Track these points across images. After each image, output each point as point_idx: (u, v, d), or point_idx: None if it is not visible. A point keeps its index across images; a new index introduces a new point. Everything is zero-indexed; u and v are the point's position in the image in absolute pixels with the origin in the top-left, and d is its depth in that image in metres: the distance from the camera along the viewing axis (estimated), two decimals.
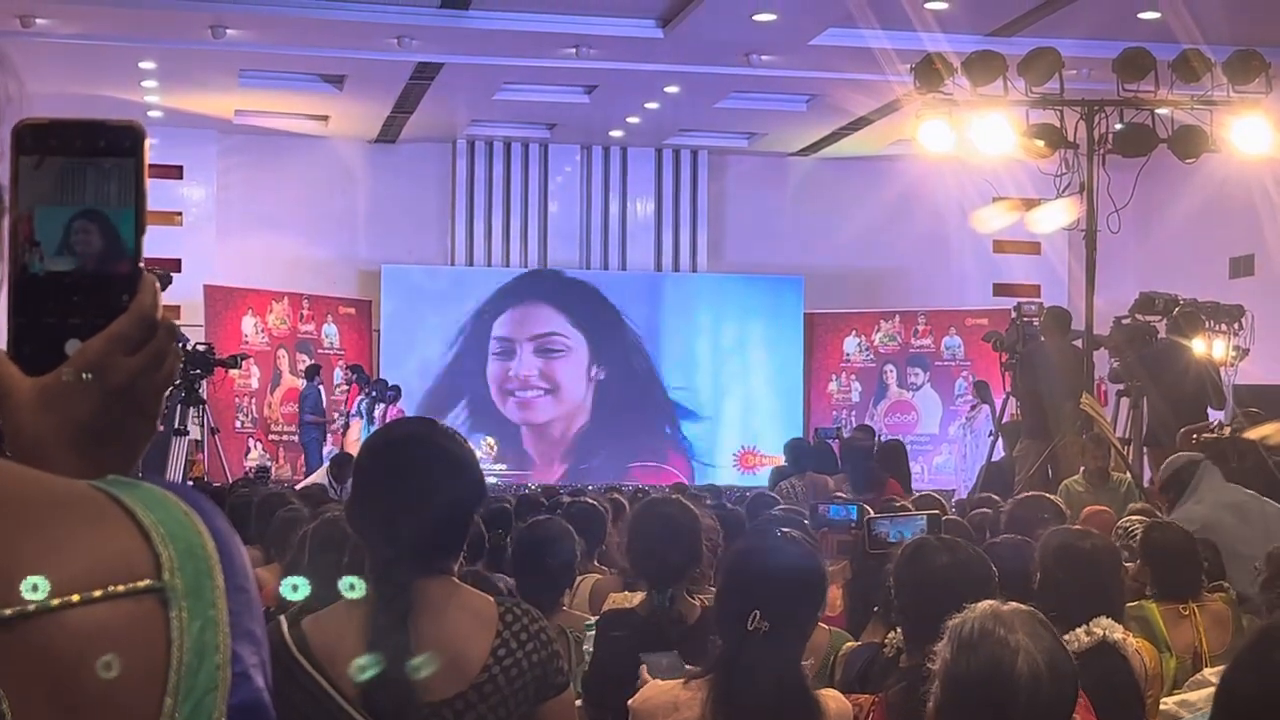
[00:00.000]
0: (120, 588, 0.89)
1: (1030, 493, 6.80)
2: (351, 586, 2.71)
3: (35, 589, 0.86)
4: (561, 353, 20.46)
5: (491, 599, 2.97)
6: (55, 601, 0.86)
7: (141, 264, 1.09)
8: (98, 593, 0.88)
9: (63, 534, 0.90)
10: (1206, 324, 13.65)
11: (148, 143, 1.09)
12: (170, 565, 0.91)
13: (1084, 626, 4.31)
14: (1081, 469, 10.60)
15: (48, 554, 0.88)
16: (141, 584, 0.90)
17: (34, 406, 1.07)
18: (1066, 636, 3.78)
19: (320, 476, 14.07)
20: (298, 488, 11.61)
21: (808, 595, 3.50)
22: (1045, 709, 2.64)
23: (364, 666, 2.69)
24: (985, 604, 2.76)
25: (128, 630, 0.89)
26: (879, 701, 3.67)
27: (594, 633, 4.57)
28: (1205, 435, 9.55)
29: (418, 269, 20.43)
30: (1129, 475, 10.92)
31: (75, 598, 0.87)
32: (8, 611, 0.85)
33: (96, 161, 1.08)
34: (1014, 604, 2.83)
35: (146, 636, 0.89)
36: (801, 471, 9.94)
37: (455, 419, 18.88)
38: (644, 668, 3.75)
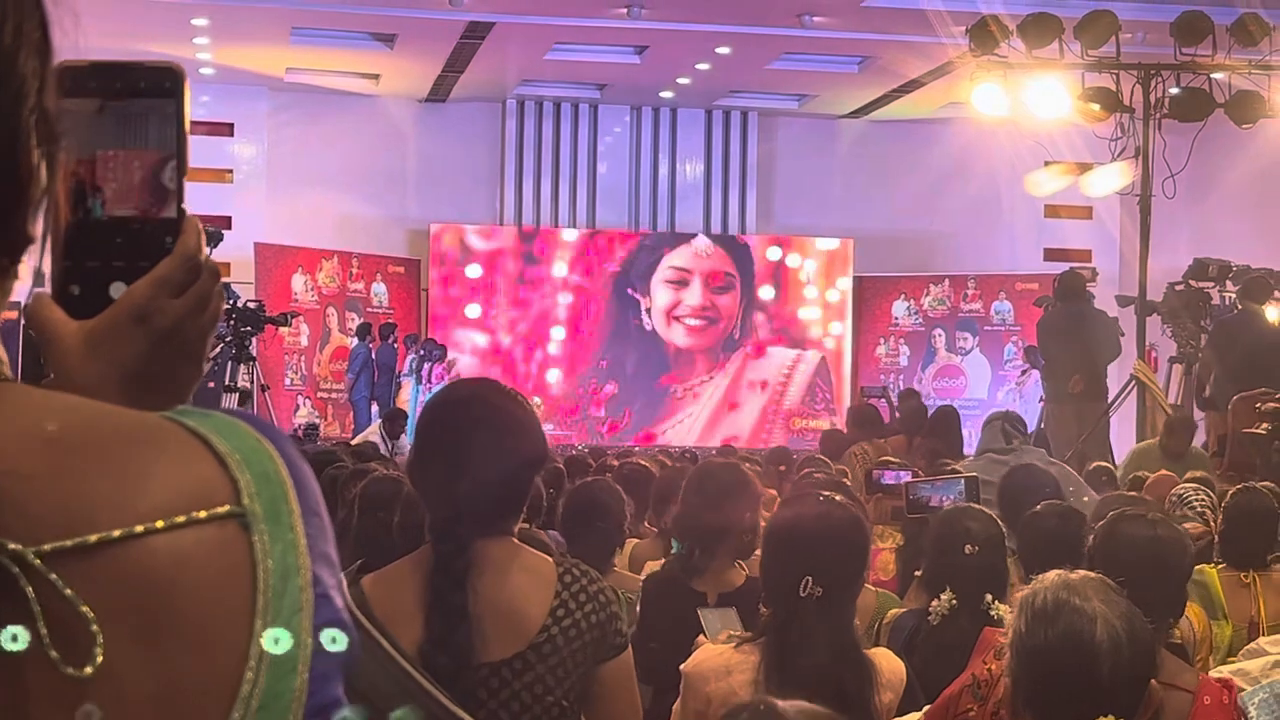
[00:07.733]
0: (202, 513, 0.88)
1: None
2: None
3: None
4: None
5: (550, 560, 2.97)
6: (139, 528, 0.86)
7: (184, 206, 1.09)
8: (180, 518, 0.87)
9: (142, 463, 0.89)
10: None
11: (187, 84, 1.09)
12: (248, 490, 0.91)
13: None
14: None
15: (128, 482, 0.88)
16: (222, 509, 0.89)
17: (81, 352, 1.07)
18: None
19: (373, 433, 14.14)
20: (352, 444, 11.66)
21: (855, 556, 3.52)
22: (1127, 674, 2.62)
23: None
24: (1053, 573, 2.74)
25: (213, 555, 0.88)
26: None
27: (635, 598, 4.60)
28: (1270, 404, 9.45)
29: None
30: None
31: (160, 524, 0.87)
32: (93, 538, 0.85)
33: (141, 103, 1.08)
34: (1082, 571, 2.80)
35: (231, 561, 0.89)
36: (869, 438, 9.79)
37: None
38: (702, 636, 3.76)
